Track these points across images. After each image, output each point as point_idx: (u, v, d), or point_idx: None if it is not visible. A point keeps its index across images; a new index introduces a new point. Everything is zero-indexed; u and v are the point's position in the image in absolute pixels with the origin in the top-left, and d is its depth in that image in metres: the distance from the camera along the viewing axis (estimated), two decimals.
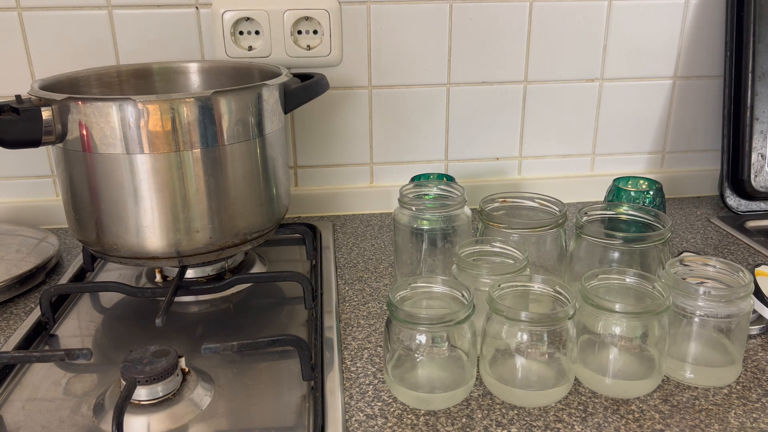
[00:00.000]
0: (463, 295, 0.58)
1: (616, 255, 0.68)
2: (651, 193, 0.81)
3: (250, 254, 0.85)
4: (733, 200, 1.00)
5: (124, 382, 0.54)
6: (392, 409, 0.57)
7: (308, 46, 0.92)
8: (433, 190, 0.76)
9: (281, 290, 0.78)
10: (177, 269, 0.73)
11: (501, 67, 0.97)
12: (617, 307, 0.56)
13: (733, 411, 0.57)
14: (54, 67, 0.88)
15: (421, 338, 0.56)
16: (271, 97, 0.71)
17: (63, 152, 0.66)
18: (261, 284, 0.78)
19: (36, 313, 0.71)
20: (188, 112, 0.64)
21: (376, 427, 0.55)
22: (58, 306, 0.73)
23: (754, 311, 0.66)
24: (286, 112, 0.75)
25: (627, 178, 0.85)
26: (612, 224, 0.74)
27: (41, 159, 0.95)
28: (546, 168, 1.05)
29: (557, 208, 0.73)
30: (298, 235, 0.88)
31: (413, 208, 0.72)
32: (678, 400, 0.58)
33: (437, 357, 0.58)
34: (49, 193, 0.97)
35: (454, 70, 0.97)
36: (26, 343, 0.66)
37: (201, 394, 0.57)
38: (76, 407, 0.57)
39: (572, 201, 1.04)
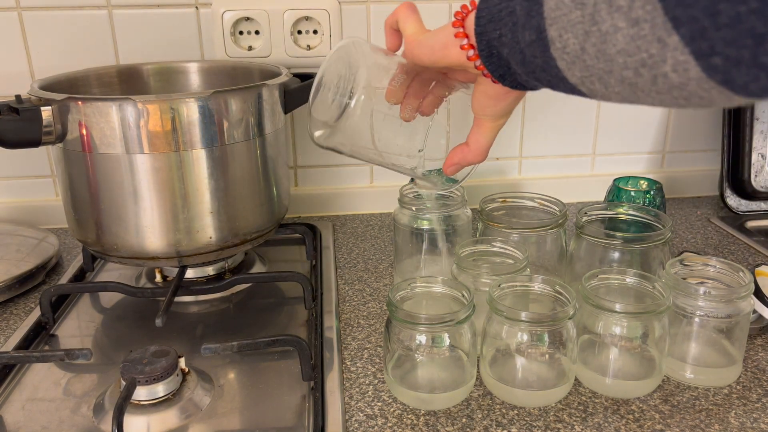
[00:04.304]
0: (463, 295, 0.58)
1: (616, 255, 0.68)
2: (651, 193, 0.81)
3: (250, 254, 0.85)
4: (733, 200, 1.00)
5: (123, 383, 0.54)
6: (392, 409, 0.57)
7: (308, 46, 0.92)
8: None
9: (281, 290, 0.78)
10: (177, 269, 0.73)
11: None
12: (617, 307, 0.56)
13: (734, 411, 0.57)
14: (54, 67, 0.87)
15: (421, 338, 0.56)
16: (270, 97, 0.71)
17: (63, 152, 0.66)
18: (261, 284, 0.78)
19: (36, 313, 0.71)
20: (188, 112, 0.64)
21: (376, 427, 0.55)
22: (57, 306, 0.73)
23: (754, 311, 0.66)
24: (286, 112, 0.75)
25: (627, 178, 0.85)
26: (612, 224, 0.74)
27: (41, 159, 0.94)
28: (546, 168, 1.05)
29: (557, 208, 0.73)
30: (298, 235, 0.88)
31: (413, 208, 0.72)
32: (678, 400, 0.58)
33: (437, 357, 0.58)
34: (48, 193, 0.96)
35: None
36: (26, 343, 0.66)
37: (201, 395, 0.57)
38: (76, 407, 0.57)
39: (572, 201, 1.04)
